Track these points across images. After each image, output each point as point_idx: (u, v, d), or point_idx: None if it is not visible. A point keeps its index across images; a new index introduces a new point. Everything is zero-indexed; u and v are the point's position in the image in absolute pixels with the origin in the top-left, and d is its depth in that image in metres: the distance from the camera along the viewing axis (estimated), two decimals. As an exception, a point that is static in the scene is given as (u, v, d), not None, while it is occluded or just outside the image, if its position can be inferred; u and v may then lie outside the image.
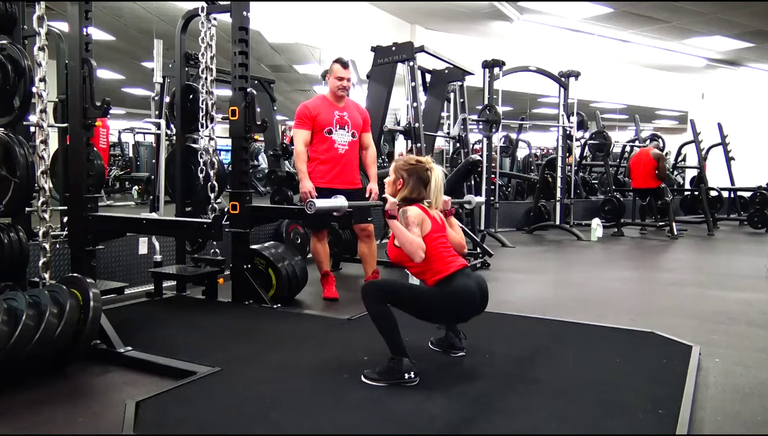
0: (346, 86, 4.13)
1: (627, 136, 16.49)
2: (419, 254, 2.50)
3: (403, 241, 2.52)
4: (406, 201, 2.68)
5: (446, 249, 2.66)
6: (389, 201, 2.58)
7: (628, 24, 10.10)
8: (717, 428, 2.24)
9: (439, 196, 2.74)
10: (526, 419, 2.20)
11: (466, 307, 2.61)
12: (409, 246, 2.50)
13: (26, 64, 3.00)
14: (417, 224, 2.57)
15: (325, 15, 8.49)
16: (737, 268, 6.11)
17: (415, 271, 2.68)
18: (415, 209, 2.62)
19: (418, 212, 2.61)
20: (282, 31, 8.50)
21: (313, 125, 4.09)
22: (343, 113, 4.13)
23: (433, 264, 2.60)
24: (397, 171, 2.76)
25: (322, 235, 4.31)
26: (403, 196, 2.70)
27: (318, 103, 4.17)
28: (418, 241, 2.52)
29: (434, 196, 2.71)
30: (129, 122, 16.10)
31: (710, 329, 3.65)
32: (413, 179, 2.70)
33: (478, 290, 2.61)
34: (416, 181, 2.70)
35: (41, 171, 3.03)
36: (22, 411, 2.30)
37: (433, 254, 2.59)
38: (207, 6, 3.97)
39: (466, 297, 2.57)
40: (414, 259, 2.52)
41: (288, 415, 2.21)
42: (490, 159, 7.83)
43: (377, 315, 2.52)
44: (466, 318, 2.71)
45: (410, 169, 2.72)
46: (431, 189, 2.71)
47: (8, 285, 2.96)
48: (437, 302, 2.57)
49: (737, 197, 11.04)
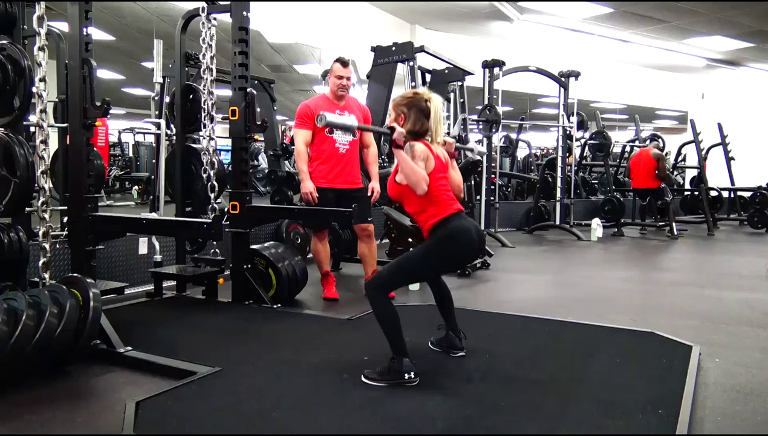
0: (346, 85, 4.13)
1: (627, 136, 16.50)
2: (422, 185, 2.51)
3: (408, 172, 2.51)
4: (411, 135, 2.66)
5: (446, 191, 2.68)
6: (397, 130, 2.54)
7: (628, 24, 10.10)
8: (717, 428, 2.24)
9: (440, 127, 2.73)
10: (526, 419, 2.20)
11: (464, 248, 2.63)
12: (414, 176, 2.50)
13: (26, 64, 3.00)
14: (422, 159, 2.57)
15: (325, 15, 8.49)
16: (737, 268, 6.11)
17: (413, 209, 2.68)
18: (421, 145, 2.62)
19: (424, 148, 2.62)
20: (282, 31, 8.50)
21: (314, 125, 4.08)
22: (344, 112, 4.12)
23: (431, 205, 2.62)
24: (397, 107, 2.74)
25: (322, 235, 4.30)
26: (408, 129, 2.67)
27: (319, 103, 4.16)
28: (423, 173, 2.53)
29: (435, 125, 2.70)
30: (129, 122, 16.09)
31: (710, 329, 3.65)
32: (414, 112, 2.69)
33: (475, 231, 2.65)
34: (417, 113, 2.68)
35: (41, 171, 3.03)
36: (22, 411, 2.30)
37: (434, 194, 2.61)
38: (207, 6, 3.97)
39: (463, 238, 2.60)
40: (416, 191, 2.52)
41: (288, 415, 2.21)
42: (490, 159, 7.82)
43: (381, 311, 2.53)
44: (465, 260, 2.70)
45: (409, 103, 2.71)
46: (432, 119, 2.69)
47: (8, 285, 2.96)
48: (436, 249, 2.59)
49: (737, 197, 11.03)
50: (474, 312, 3.76)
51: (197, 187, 4.25)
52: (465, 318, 3.05)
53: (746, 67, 13.07)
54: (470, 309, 3.81)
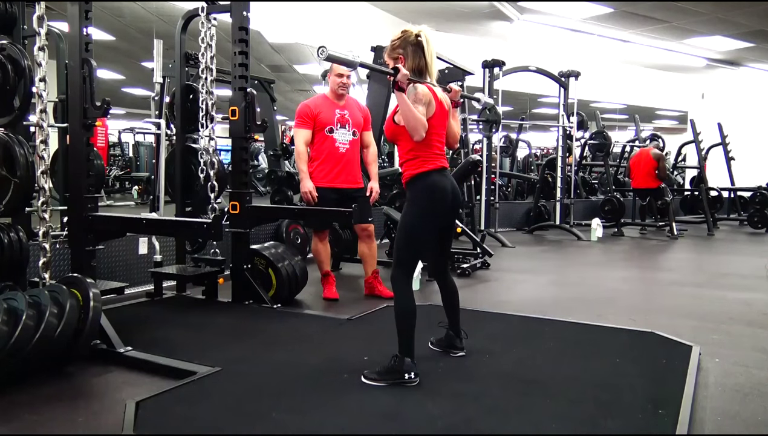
0: (346, 84, 4.12)
1: (627, 136, 16.50)
2: (420, 132, 2.51)
3: (408, 115, 2.50)
4: (413, 74, 2.60)
5: (439, 142, 2.69)
6: (401, 72, 2.47)
7: (628, 24, 10.10)
8: (717, 428, 2.24)
9: (434, 59, 2.67)
10: (526, 419, 2.20)
11: (438, 201, 2.63)
12: (413, 121, 2.49)
13: (26, 64, 3.00)
14: (424, 104, 2.57)
15: (325, 15, 8.49)
16: (737, 268, 6.11)
17: (404, 153, 2.68)
18: (425, 88, 2.60)
19: (427, 92, 2.60)
20: (282, 31, 8.49)
21: (314, 124, 4.08)
22: (344, 112, 4.12)
23: (421, 154, 2.62)
24: (393, 51, 2.69)
25: (323, 235, 4.30)
26: (409, 68, 2.62)
27: (319, 102, 4.16)
28: (422, 119, 2.52)
29: (430, 57, 2.65)
30: (129, 122, 16.10)
31: (710, 329, 3.65)
32: (410, 49, 2.65)
33: (450, 186, 2.66)
34: (413, 50, 2.65)
35: (41, 171, 3.03)
36: (22, 411, 2.30)
37: (428, 142, 2.61)
38: (207, 6, 3.97)
39: (436, 192, 2.61)
40: (413, 136, 2.52)
41: (288, 415, 2.21)
42: (490, 159, 7.83)
43: (402, 310, 2.55)
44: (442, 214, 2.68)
45: (401, 42, 2.67)
46: (427, 51, 2.64)
47: (8, 285, 2.96)
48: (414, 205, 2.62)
49: (737, 197, 11.04)
50: (474, 312, 3.76)
51: (197, 187, 4.25)
52: (465, 318, 3.04)
53: (746, 67, 13.06)
54: (470, 309, 3.80)
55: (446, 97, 2.77)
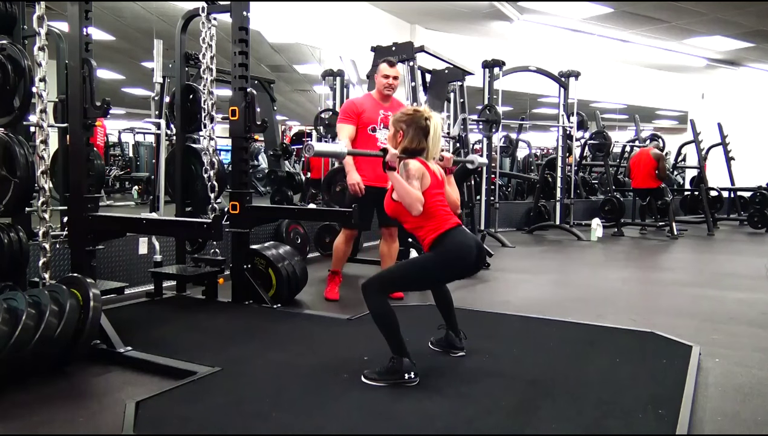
0: (393, 84, 4.09)
1: (627, 136, 16.46)
2: (417, 206, 2.50)
3: (402, 193, 2.51)
4: (407, 152, 2.65)
5: (443, 207, 2.67)
6: (390, 152, 2.53)
7: (628, 24, 10.09)
8: (717, 428, 2.24)
9: (438, 145, 2.71)
10: (526, 419, 2.20)
11: (465, 261, 2.61)
12: (408, 198, 2.50)
13: (26, 64, 3.00)
14: (417, 178, 2.57)
15: (325, 15, 8.49)
16: (737, 268, 6.11)
17: (411, 226, 2.68)
18: (416, 163, 2.61)
19: (419, 166, 2.60)
20: (282, 31, 8.49)
21: (358, 121, 4.08)
22: (388, 112, 4.09)
23: (429, 221, 2.60)
24: (396, 123, 2.73)
25: (350, 234, 4.22)
26: (404, 147, 2.67)
27: (364, 101, 4.17)
28: (417, 194, 2.52)
29: (433, 145, 2.69)
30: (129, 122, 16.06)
31: (710, 329, 3.65)
32: (413, 129, 2.68)
33: (475, 245, 2.64)
34: (416, 131, 2.68)
35: (41, 171, 3.03)
36: (22, 411, 2.30)
37: (431, 210, 2.60)
38: (207, 6, 3.97)
39: (464, 252, 2.58)
40: (411, 212, 2.52)
41: (288, 415, 2.21)
42: (490, 159, 7.82)
43: (378, 312, 2.52)
44: (464, 274, 2.70)
45: (408, 120, 2.70)
46: (430, 138, 2.68)
47: (8, 285, 2.96)
48: (437, 261, 2.59)
49: (737, 197, 11.04)
50: (474, 312, 3.76)
51: (197, 187, 4.25)
52: (465, 318, 3.05)
53: (746, 67, 13.05)
54: (470, 309, 3.81)
55: (438, 167, 2.77)
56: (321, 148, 2.63)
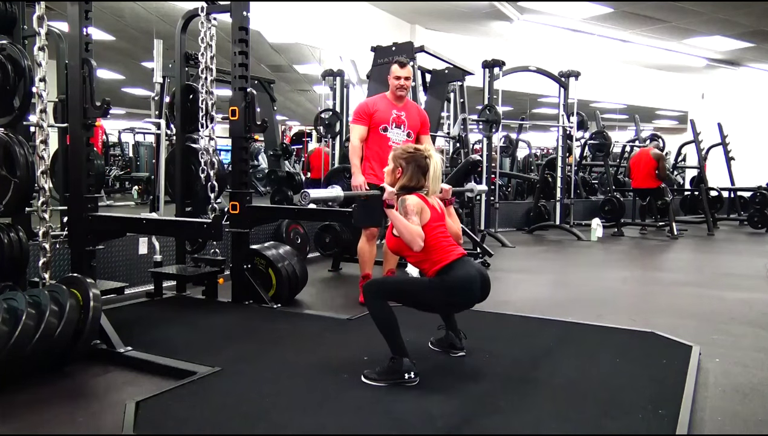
0: (405, 85, 4.08)
1: (627, 136, 16.48)
2: (418, 242, 2.49)
3: (401, 230, 2.51)
4: (405, 190, 2.66)
5: (445, 239, 2.66)
6: (387, 190, 2.55)
7: (628, 24, 10.10)
8: (717, 428, 2.24)
9: (437, 184, 2.72)
10: (526, 419, 2.20)
11: (468, 294, 2.60)
12: (408, 235, 2.49)
13: (26, 64, 3.00)
14: (416, 213, 2.56)
15: (325, 15, 8.49)
16: (737, 268, 6.11)
17: (414, 260, 2.67)
18: (414, 198, 2.61)
19: (417, 201, 2.60)
20: (282, 31, 8.49)
21: (370, 121, 4.08)
22: (401, 113, 4.10)
23: (432, 253, 2.59)
24: (396, 159, 2.74)
25: (371, 234, 4.14)
26: (402, 184, 2.67)
27: (377, 100, 4.17)
28: (417, 229, 2.51)
29: (432, 184, 2.69)
30: (129, 122, 16.07)
31: (710, 329, 3.65)
32: (412, 167, 2.68)
33: (479, 277, 2.61)
34: (415, 169, 2.68)
35: (41, 171, 3.03)
36: (22, 411, 2.30)
37: (433, 243, 2.59)
38: (207, 6, 3.97)
39: (467, 284, 2.57)
40: (413, 248, 2.51)
41: (288, 415, 2.21)
42: (490, 159, 7.83)
43: (378, 314, 2.52)
44: (468, 305, 2.69)
45: (409, 158, 2.70)
46: (430, 177, 2.69)
47: (8, 285, 2.96)
48: (439, 292, 2.57)
49: (737, 197, 11.03)
50: (474, 312, 3.73)
51: (197, 187, 4.25)
52: (465, 318, 3.04)
53: (746, 67, 13.06)
54: (470, 309, 3.81)
55: (438, 201, 2.77)
56: (317, 195, 2.66)
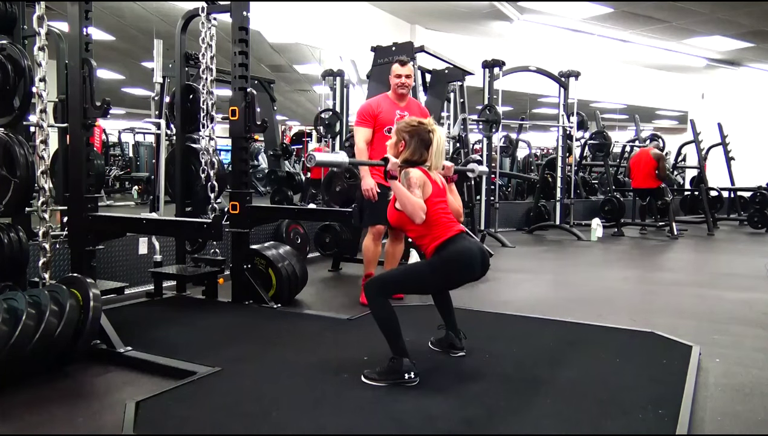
0: (406, 83, 4.06)
1: (627, 136, 16.47)
2: (420, 215, 2.49)
3: (404, 201, 2.50)
4: (408, 163, 2.64)
5: (446, 215, 2.66)
6: (391, 161, 2.52)
7: (628, 24, 10.09)
8: (717, 428, 2.24)
9: (440, 159, 2.71)
10: (526, 419, 2.20)
11: (468, 269, 2.60)
12: (410, 207, 2.49)
13: (26, 64, 3.00)
14: (419, 186, 2.56)
15: (325, 15, 8.49)
16: (737, 268, 6.11)
17: (415, 235, 2.67)
18: (417, 172, 2.60)
19: (420, 175, 2.60)
20: (282, 31, 8.49)
21: (375, 123, 4.06)
22: (404, 112, 4.07)
23: (433, 229, 2.59)
24: (399, 133, 2.72)
25: (377, 232, 4.11)
26: (405, 158, 2.66)
27: (380, 101, 4.14)
28: (419, 202, 2.51)
29: (435, 158, 2.69)
30: (129, 122, 16.07)
31: (710, 329, 3.65)
32: (415, 141, 2.67)
33: (479, 252, 2.62)
34: (418, 143, 2.67)
35: (41, 171, 3.03)
36: (22, 411, 2.30)
37: (433, 218, 2.59)
38: (207, 6, 3.97)
39: (466, 260, 2.58)
40: (414, 220, 2.51)
41: (288, 415, 2.21)
42: (490, 159, 7.82)
43: (379, 313, 2.52)
44: (469, 280, 2.69)
45: (412, 131, 2.69)
46: (433, 151, 2.68)
47: (8, 285, 2.96)
48: (439, 270, 2.57)
49: (737, 197, 11.03)
50: (474, 312, 3.77)
51: (197, 187, 4.25)
52: (465, 318, 3.05)
53: (746, 67, 13.05)
54: (470, 309, 3.82)
55: (440, 176, 2.76)
56: (322, 158, 2.65)
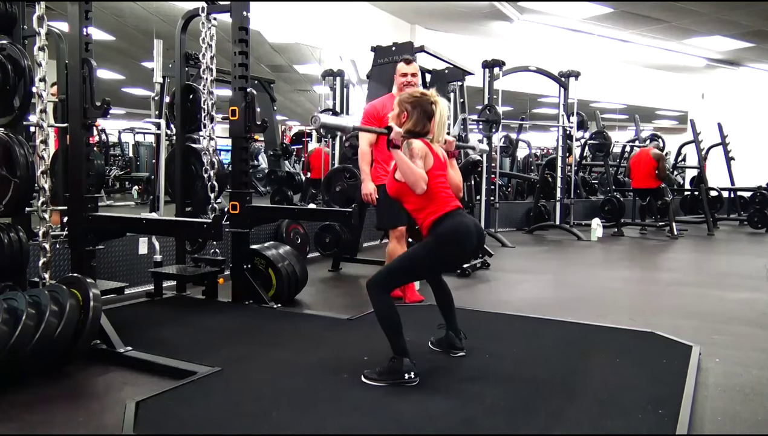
0: (412, 82, 3.99)
1: (627, 136, 16.47)
2: (421, 185, 2.49)
3: (406, 171, 2.50)
4: (411, 134, 2.62)
5: (445, 189, 2.66)
6: (395, 130, 2.48)
7: (628, 24, 10.09)
8: (717, 428, 2.24)
9: (442, 130, 2.69)
10: (526, 419, 2.20)
11: (463, 243, 2.60)
12: (412, 176, 2.49)
13: (26, 64, 3.00)
14: (420, 157, 2.55)
15: (325, 15, 8.49)
16: (737, 268, 6.11)
17: (412, 207, 2.66)
18: (420, 143, 2.60)
19: (422, 146, 2.59)
20: (282, 31, 8.49)
21: (380, 125, 4.02)
22: None
23: (430, 202, 2.59)
24: (402, 104, 2.69)
25: (399, 233, 4.04)
26: (408, 128, 2.63)
27: (386, 102, 4.08)
28: (421, 172, 2.51)
29: (438, 130, 2.66)
30: (129, 122, 16.08)
31: (710, 329, 3.65)
32: (417, 112, 2.65)
33: (474, 227, 2.63)
34: (420, 114, 2.65)
35: (41, 171, 3.03)
36: (22, 411, 2.30)
37: (432, 191, 2.59)
38: (207, 6, 3.97)
39: (461, 234, 2.58)
40: (415, 190, 2.51)
41: (288, 415, 2.21)
42: (490, 159, 7.82)
43: (382, 312, 2.52)
44: (465, 257, 2.68)
45: (414, 102, 2.66)
46: (435, 122, 2.65)
47: (8, 285, 2.96)
48: (435, 246, 2.57)
49: (737, 197, 11.04)
50: (474, 312, 3.76)
51: (197, 187, 4.25)
52: (465, 318, 3.04)
53: (746, 67, 13.05)
54: (470, 309, 3.81)
55: (442, 150, 2.75)
56: (327, 120, 2.58)
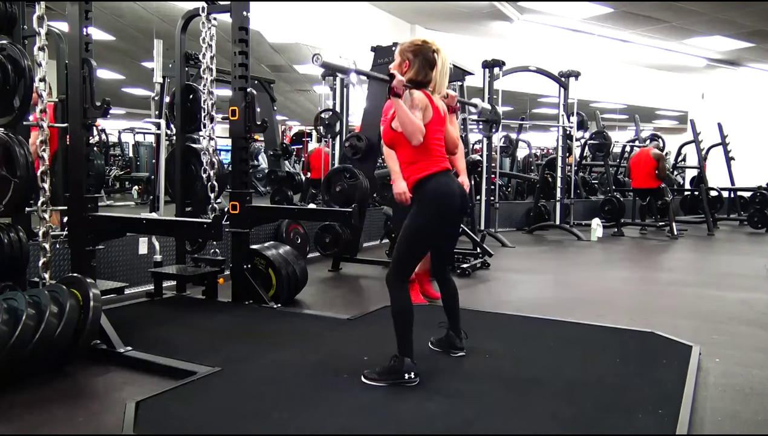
0: None
1: (627, 136, 16.48)
2: (418, 136, 2.48)
3: (404, 120, 2.48)
4: (413, 83, 2.59)
5: (439, 146, 2.65)
6: (397, 78, 2.46)
7: (628, 24, 10.09)
8: (717, 428, 2.24)
9: (444, 79, 2.65)
10: (525, 419, 2.20)
11: (447, 202, 2.58)
12: (410, 126, 2.47)
13: (26, 64, 3.00)
14: (420, 109, 2.54)
15: (325, 15, 8.49)
16: (737, 268, 6.11)
17: (404, 159, 2.65)
18: (421, 94, 2.57)
19: (423, 97, 2.57)
20: (282, 31, 8.49)
21: None
22: None
23: (422, 157, 2.58)
24: (403, 53, 2.67)
25: None
26: (409, 78, 2.59)
27: None
28: (419, 124, 2.50)
29: (439, 79, 2.63)
30: (129, 122, 16.09)
31: (710, 329, 3.65)
32: (419, 60, 2.62)
33: (457, 188, 2.62)
34: (422, 63, 2.61)
35: (41, 171, 3.03)
36: (22, 411, 2.30)
37: (427, 146, 2.57)
38: (207, 6, 3.97)
39: (443, 195, 2.57)
40: (411, 141, 2.50)
41: (288, 415, 2.21)
42: (490, 159, 7.82)
43: (398, 307, 2.52)
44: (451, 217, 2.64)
45: (416, 50, 2.63)
46: (437, 71, 2.62)
47: (8, 285, 2.96)
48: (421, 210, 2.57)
49: (737, 197, 11.04)
50: (474, 312, 3.76)
51: (197, 187, 4.25)
52: (465, 318, 3.04)
53: (746, 67, 13.05)
54: (470, 309, 3.81)
55: (443, 103, 2.74)
56: (329, 60, 2.56)
